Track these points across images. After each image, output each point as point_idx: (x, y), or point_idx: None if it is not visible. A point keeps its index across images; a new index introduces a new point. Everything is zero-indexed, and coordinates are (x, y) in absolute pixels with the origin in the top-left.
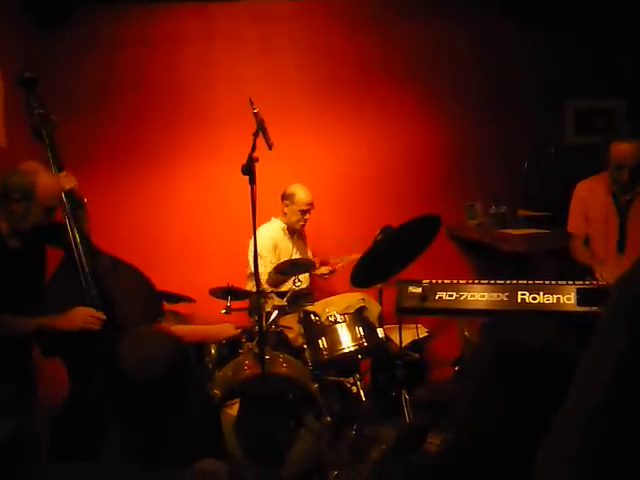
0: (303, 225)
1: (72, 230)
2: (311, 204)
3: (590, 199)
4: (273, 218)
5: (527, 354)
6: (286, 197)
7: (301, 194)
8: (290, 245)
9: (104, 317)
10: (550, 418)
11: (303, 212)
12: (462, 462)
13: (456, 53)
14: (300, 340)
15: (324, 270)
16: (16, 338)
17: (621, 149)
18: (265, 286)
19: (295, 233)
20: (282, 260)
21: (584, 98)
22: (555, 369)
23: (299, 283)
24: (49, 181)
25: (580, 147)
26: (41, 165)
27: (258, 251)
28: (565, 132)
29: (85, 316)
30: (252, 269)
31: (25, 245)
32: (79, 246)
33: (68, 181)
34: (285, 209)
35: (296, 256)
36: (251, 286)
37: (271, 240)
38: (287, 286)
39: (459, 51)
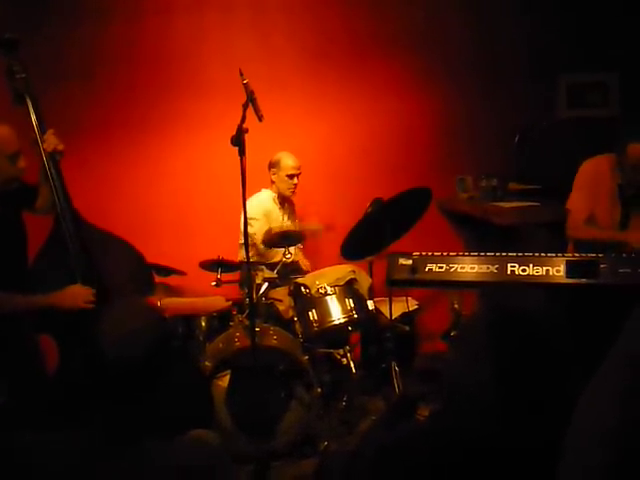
0: (293, 191)
1: (58, 196)
2: (298, 168)
3: (598, 181)
4: (263, 189)
5: (523, 321)
6: (273, 165)
7: (286, 159)
8: (280, 214)
9: (99, 295)
10: (539, 385)
11: (291, 176)
12: (451, 427)
13: (448, 26)
14: (290, 312)
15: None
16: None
17: (638, 151)
18: (260, 246)
19: (285, 202)
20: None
21: (577, 71)
22: (546, 338)
23: (289, 255)
24: (3, 128)
25: (572, 121)
26: None
27: (250, 216)
28: (557, 105)
29: (84, 296)
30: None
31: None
32: (65, 211)
33: (54, 140)
34: (273, 177)
35: (287, 224)
36: (242, 255)
37: (261, 207)
38: (277, 257)
39: (451, 24)
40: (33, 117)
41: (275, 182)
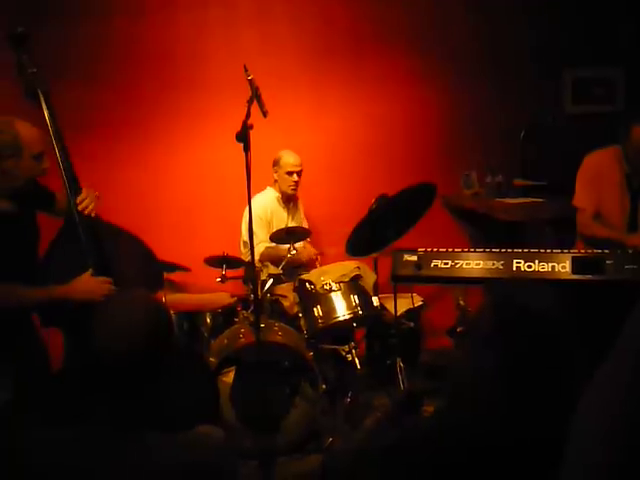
0: (294, 189)
1: (69, 185)
2: (298, 165)
3: (604, 175)
4: (268, 187)
5: (528, 317)
6: (275, 163)
7: (286, 156)
8: (285, 214)
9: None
10: (544, 382)
11: (290, 174)
12: (456, 424)
13: (453, 22)
14: (295, 308)
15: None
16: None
17: None
18: (258, 265)
19: (290, 201)
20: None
21: (582, 67)
22: (552, 334)
23: (294, 252)
24: (28, 126)
25: (578, 116)
26: (10, 116)
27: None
28: (563, 101)
29: (103, 288)
30: (245, 238)
31: (17, 208)
32: (77, 214)
33: (89, 203)
34: (275, 175)
35: (291, 225)
36: (245, 254)
37: (264, 210)
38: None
39: (456, 20)
40: (45, 112)
41: (278, 181)
